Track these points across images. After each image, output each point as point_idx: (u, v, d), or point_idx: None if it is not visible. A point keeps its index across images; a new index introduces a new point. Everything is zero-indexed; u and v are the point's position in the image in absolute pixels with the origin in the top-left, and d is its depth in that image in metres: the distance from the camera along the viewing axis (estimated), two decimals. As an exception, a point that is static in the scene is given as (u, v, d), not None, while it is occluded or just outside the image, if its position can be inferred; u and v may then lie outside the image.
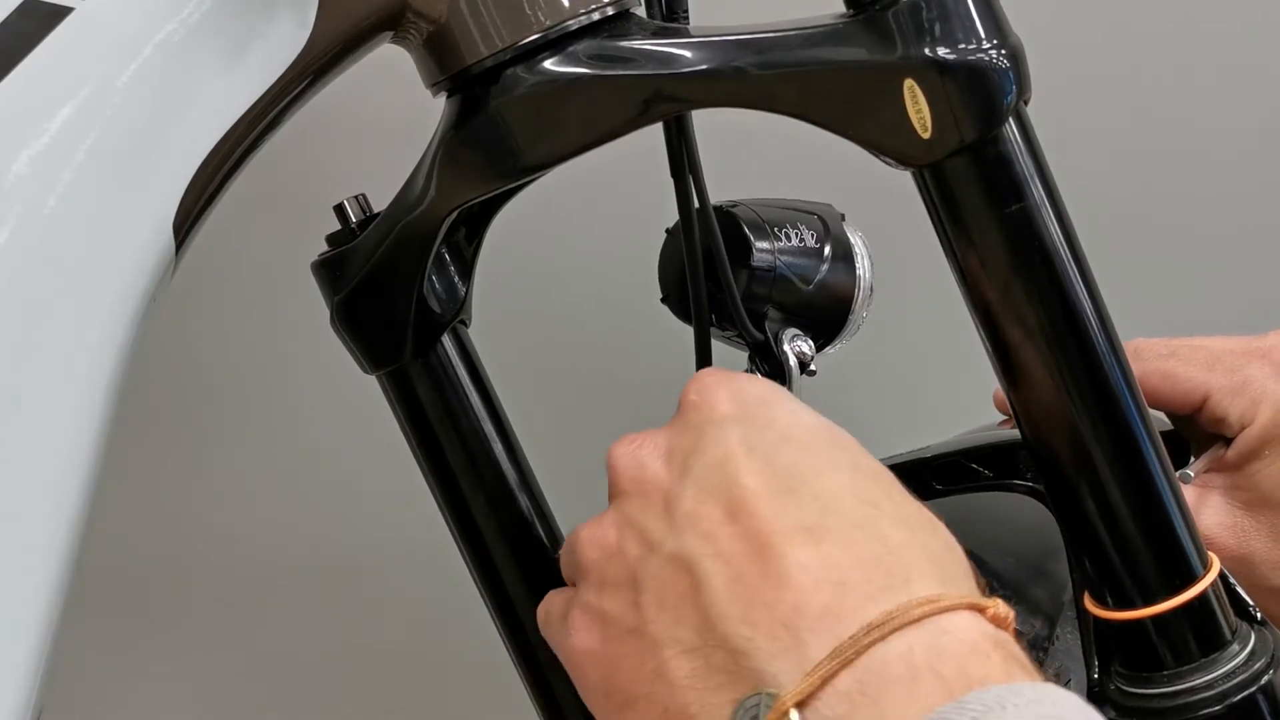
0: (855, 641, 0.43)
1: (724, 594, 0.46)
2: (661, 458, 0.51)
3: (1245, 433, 0.68)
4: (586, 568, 0.51)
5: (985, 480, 0.67)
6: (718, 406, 0.51)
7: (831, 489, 0.48)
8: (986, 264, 0.54)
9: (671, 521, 0.48)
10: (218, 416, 0.94)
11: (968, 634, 0.44)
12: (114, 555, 0.92)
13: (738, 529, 0.47)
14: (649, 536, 0.49)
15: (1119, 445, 0.54)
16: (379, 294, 0.59)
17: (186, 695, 0.98)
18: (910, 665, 0.43)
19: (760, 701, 0.44)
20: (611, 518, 0.51)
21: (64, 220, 0.49)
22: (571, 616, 0.51)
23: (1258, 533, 0.68)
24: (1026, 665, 0.45)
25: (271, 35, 0.54)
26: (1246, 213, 1.08)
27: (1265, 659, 0.56)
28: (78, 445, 0.50)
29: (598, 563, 0.50)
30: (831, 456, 0.50)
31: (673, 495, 0.49)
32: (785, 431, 0.50)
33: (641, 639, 0.48)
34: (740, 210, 0.62)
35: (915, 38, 0.52)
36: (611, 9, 0.55)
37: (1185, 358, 0.70)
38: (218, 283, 0.89)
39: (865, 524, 0.47)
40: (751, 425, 0.50)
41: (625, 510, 0.50)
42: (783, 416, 0.51)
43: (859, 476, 0.49)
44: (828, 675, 0.43)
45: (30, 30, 0.49)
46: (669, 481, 0.50)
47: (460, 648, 0.91)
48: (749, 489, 0.48)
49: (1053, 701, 0.42)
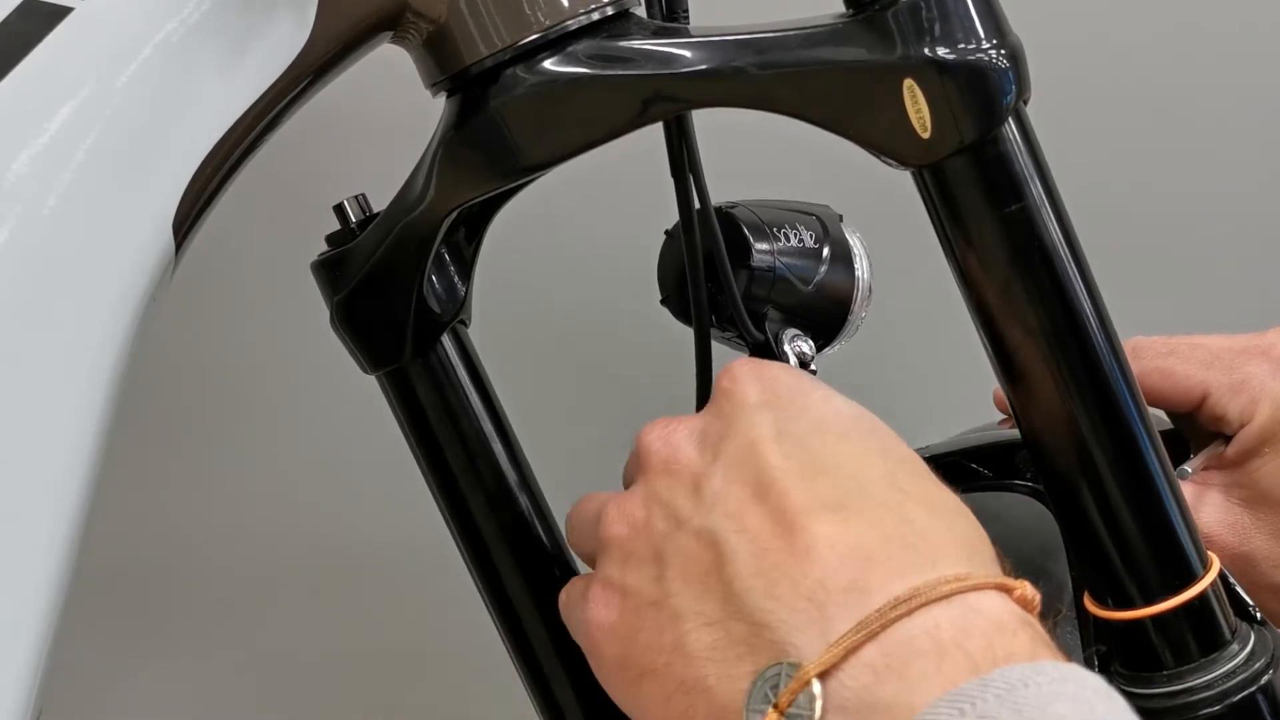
0: (881, 615, 0.43)
1: (748, 568, 0.46)
2: (694, 442, 0.51)
3: (1244, 430, 0.68)
4: (610, 542, 0.51)
5: (985, 480, 0.67)
6: (750, 394, 0.51)
7: (860, 472, 0.49)
8: (986, 264, 0.54)
9: (699, 500, 0.49)
10: (218, 416, 0.94)
11: (995, 613, 0.44)
12: (114, 555, 0.91)
13: (765, 507, 0.47)
14: (677, 514, 0.49)
15: (1119, 445, 0.54)
16: (379, 294, 0.59)
17: (187, 695, 0.98)
18: (936, 640, 0.43)
19: (781, 671, 0.44)
20: (640, 495, 0.51)
21: (64, 220, 0.49)
22: (592, 591, 0.51)
23: (1258, 530, 0.68)
24: (1051, 646, 0.45)
25: (271, 35, 0.54)
26: (1246, 213, 1.08)
27: (1265, 659, 0.56)
28: (78, 445, 0.50)
29: (623, 538, 0.50)
30: (863, 442, 0.50)
31: (702, 476, 0.50)
32: (818, 418, 0.50)
33: (661, 610, 0.48)
34: (739, 211, 0.62)
35: (915, 37, 0.52)
36: (611, 9, 0.55)
37: (1184, 355, 0.70)
38: (218, 283, 0.89)
39: (893, 505, 0.47)
40: (784, 412, 0.50)
41: (654, 488, 0.51)
42: (815, 404, 0.51)
43: (889, 462, 0.50)
44: (852, 647, 0.43)
45: (30, 30, 0.49)
46: (700, 464, 0.50)
47: (460, 648, 0.91)
48: (777, 469, 0.48)
49: (1076, 681, 0.42)
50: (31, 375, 0.49)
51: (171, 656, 0.97)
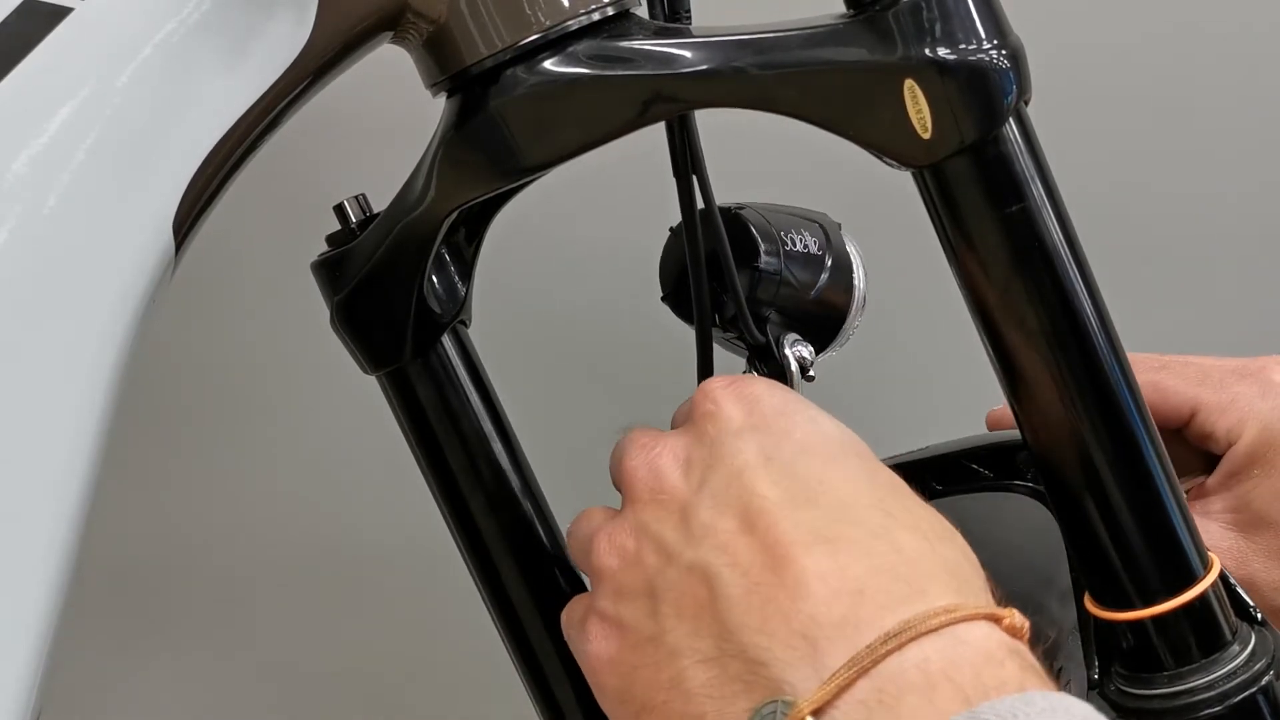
0: (872, 650, 0.44)
1: (741, 604, 0.46)
2: (679, 468, 0.51)
3: (1232, 450, 0.68)
4: (602, 573, 0.51)
5: (985, 481, 0.67)
6: (735, 417, 0.51)
7: (849, 498, 0.49)
8: (987, 265, 0.54)
9: (689, 532, 0.49)
10: (218, 416, 0.94)
11: (983, 643, 0.45)
12: (114, 555, 0.92)
13: (754, 539, 0.47)
14: (666, 547, 0.49)
15: (1119, 446, 0.54)
16: (379, 294, 0.59)
17: (186, 695, 0.98)
18: (926, 674, 0.43)
19: (776, 709, 0.44)
20: (629, 525, 0.51)
21: (64, 220, 0.49)
22: (589, 623, 0.51)
23: (1255, 554, 0.68)
24: (1041, 674, 0.45)
25: (271, 35, 0.53)
26: (1246, 213, 1.08)
27: (1265, 659, 0.56)
28: (78, 445, 0.50)
29: (615, 570, 0.50)
30: (850, 465, 0.50)
31: (690, 506, 0.49)
32: (803, 441, 0.50)
33: (659, 648, 0.48)
34: (748, 213, 0.62)
35: (915, 38, 0.52)
36: (612, 9, 0.55)
37: (1175, 371, 0.70)
38: (218, 283, 0.89)
39: (882, 533, 0.47)
40: (769, 435, 0.50)
41: (641, 518, 0.50)
42: (800, 425, 0.51)
43: (876, 487, 0.50)
44: (844, 684, 0.43)
45: (30, 30, 0.49)
46: (686, 493, 0.50)
47: (460, 648, 0.91)
48: (766, 499, 0.48)
49: (1065, 710, 0.42)
50: (31, 375, 0.49)
51: (171, 656, 0.97)
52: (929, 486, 0.67)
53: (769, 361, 0.62)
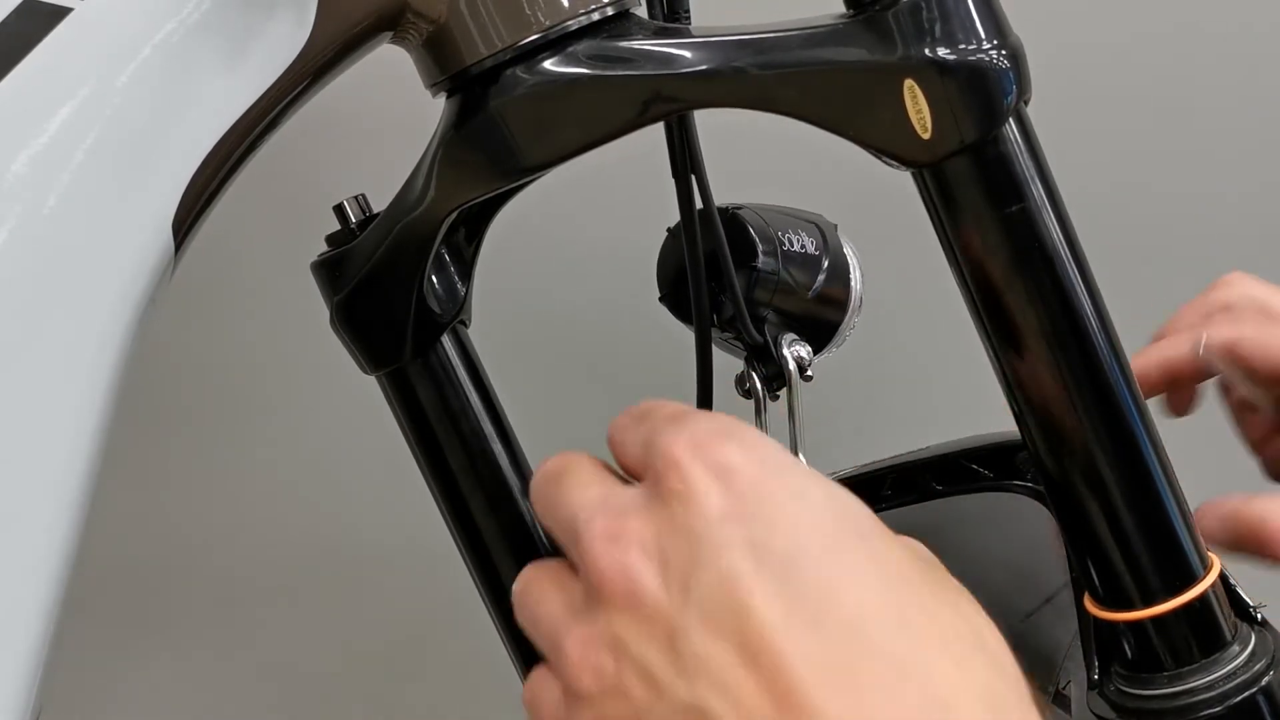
0: None
1: None
2: (655, 570, 0.43)
3: None
4: (579, 695, 0.44)
5: (985, 480, 0.67)
6: (710, 498, 0.43)
7: (860, 611, 0.42)
8: (987, 265, 0.54)
9: (679, 661, 0.42)
10: (218, 416, 0.94)
11: None
12: (114, 555, 0.92)
13: (759, 678, 0.41)
14: (654, 677, 0.42)
15: (1119, 446, 0.54)
16: (379, 294, 0.59)
17: (186, 695, 0.98)
18: None
19: None
20: (604, 637, 0.43)
21: (63, 220, 0.49)
22: None
23: None
24: None
25: (271, 35, 0.54)
26: (1246, 213, 1.08)
27: (1265, 660, 0.56)
28: (77, 445, 0.50)
29: (593, 695, 0.43)
30: (853, 558, 0.43)
31: (677, 628, 0.42)
32: (794, 526, 0.43)
33: None
34: (746, 213, 0.62)
35: (915, 38, 0.52)
36: (611, 9, 0.55)
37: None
38: (218, 283, 0.89)
39: (905, 661, 0.41)
40: (755, 523, 0.43)
41: (617, 631, 0.43)
42: (786, 506, 0.43)
43: (888, 583, 0.43)
44: None
45: (30, 30, 0.49)
46: (669, 607, 0.42)
47: (460, 647, 0.91)
48: (765, 622, 0.41)
49: None
50: (31, 375, 0.49)
51: (171, 656, 0.97)
52: (929, 487, 0.68)
53: (768, 362, 0.62)
